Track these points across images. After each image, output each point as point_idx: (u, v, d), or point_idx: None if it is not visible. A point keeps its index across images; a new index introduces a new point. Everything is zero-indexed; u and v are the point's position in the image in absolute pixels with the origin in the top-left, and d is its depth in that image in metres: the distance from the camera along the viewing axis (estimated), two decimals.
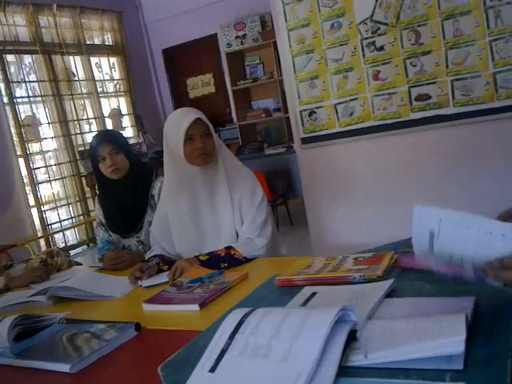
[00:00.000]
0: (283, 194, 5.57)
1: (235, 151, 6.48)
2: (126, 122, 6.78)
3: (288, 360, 0.85)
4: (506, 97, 2.77)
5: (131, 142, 6.48)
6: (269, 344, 0.89)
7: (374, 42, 3.01)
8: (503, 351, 0.84)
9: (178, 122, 1.85)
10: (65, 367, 1.14)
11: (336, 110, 3.19)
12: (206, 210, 1.92)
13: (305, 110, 3.29)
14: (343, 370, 0.84)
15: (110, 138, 2.18)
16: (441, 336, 0.84)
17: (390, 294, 1.15)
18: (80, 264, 2.61)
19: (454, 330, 0.85)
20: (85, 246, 5.90)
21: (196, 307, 1.39)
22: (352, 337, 0.91)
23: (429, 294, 1.13)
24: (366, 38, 3.03)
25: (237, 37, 6.48)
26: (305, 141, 3.34)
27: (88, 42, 6.31)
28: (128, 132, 6.73)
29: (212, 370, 0.89)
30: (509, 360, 0.82)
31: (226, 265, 1.75)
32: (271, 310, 0.98)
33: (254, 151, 6.13)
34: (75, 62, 6.17)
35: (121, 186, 2.19)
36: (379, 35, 2.99)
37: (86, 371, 1.14)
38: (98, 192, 2.44)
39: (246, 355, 0.90)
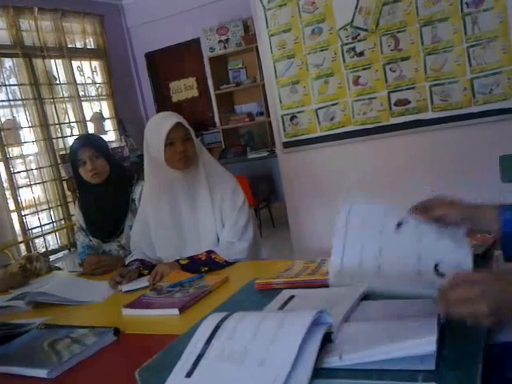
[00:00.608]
0: (266, 197, 5.58)
1: (218, 155, 6.48)
2: (108, 125, 6.74)
3: (264, 364, 0.86)
4: (483, 102, 2.83)
5: (113, 145, 6.44)
6: (245, 348, 0.89)
7: (354, 47, 3.05)
8: (475, 352, 0.86)
9: (158, 126, 1.85)
10: (42, 372, 1.13)
11: (317, 115, 3.22)
12: (187, 214, 1.92)
13: (286, 115, 3.32)
14: (318, 372, 0.85)
15: (90, 142, 2.17)
16: (413, 337, 0.85)
17: (365, 296, 1.17)
18: (60, 269, 2.59)
19: (425, 330, 0.86)
20: (66, 251, 5.84)
21: (176, 311, 1.39)
22: (327, 339, 0.92)
23: (403, 296, 1.15)
24: (346, 44, 3.06)
25: (220, 41, 6.49)
26: (286, 145, 3.37)
27: (69, 46, 6.26)
28: (110, 136, 6.68)
29: (188, 375, 0.90)
30: (480, 360, 0.84)
31: (206, 269, 1.76)
32: (248, 314, 0.99)
33: (237, 155, 6.14)
34: (56, 66, 6.11)
35: (101, 191, 2.18)
36: (359, 41, 3.03)
37: (64, 376, 1.13)
38: (78, 196, 2.42)
39: (222, 360, 0.90)
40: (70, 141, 5.78)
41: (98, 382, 1.11)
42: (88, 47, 6.55)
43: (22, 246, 5.33)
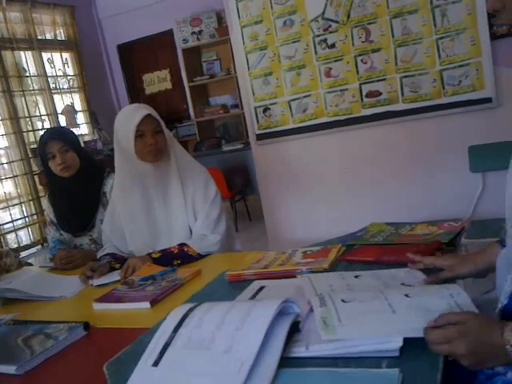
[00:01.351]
0: (241, 190, 5.58)
1: (193, 148, 6.44)
2: (81, 118, 6.63)
3: (231, 351, 0.86)
4: (452, 93, 2.87)
5: (86, 139, 6.35)
6: (212, 336, 0.90)
7: (326, 39, 3.06)
8: None
9: (128, 119, 1.83)
10: (10, 369, 1.12)
11: (290, 107, 3.23)
12: (159, 206, 1.91)
13: (259, 107, 3.31)
14: (285, 361, 0.86)
15: (59, 135, 2.14)
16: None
17: None
18: (31, 264, 2.55)
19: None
20: (39, 246, 5.75)
21: (147, 304, 1.39)
22: (295, 328, 0.93)
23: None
24: (318, 36, 3.07)
25: (193, 33, 6.44)
26: (260, 137, 3.37)
27: (39, 37, 6.13)
28: (83, 129, 6.58)
29: (155, 363, 0.90)
30: None
31: (179, 262, 1.75)
32: (216, 304, 0.99)
33: (211, 148, 6.11)
34: (26, 58, 5.99)
35: (71, 184, 2.15)
36: (330, 33, 3.04)
37: (34, 372, 1.12)
38: (48, 190, 2.38)
39: (189, 348, 0.90)
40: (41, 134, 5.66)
41: (67, 377, 1.10)
42: (58, 39, 6.42)
43: None
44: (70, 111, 6.32)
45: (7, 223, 5.55)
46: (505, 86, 2.78)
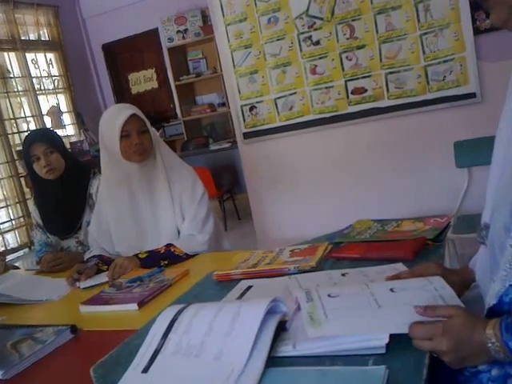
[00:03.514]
0: (230, 189, 5.57)
1: (180, 147, 6.42)
2: (67, 119, 6.58)
3: (220, 358, 0.86)
4: (437, 89, 2.88)
5: (72, 140, 6.30)
6: (202, 343, 0.90)
7: (311, 36, 3.06)
8: None
9: (113, 119, 1.81)
10: None
11: (276, 105, 3.23)
12: (146, 207, 1.90)
13: (245, 105, 3.31)
14: (272, 360, 0.86)
15: (43, 137, 2.12)
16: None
17: None
18: (18, 268, 2.53)
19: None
20: (26, 249, 5.70)
21: (134, 306, 1.38)
22: (282, 327, 0.93)
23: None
24: (303, 33, 3.07)
25: (178, 31, 6.41)
26: (247, 135, 3.37)
27: (23, 38, 6.06)
28: (69, 130, 6.53)
29: (145, 370, 0.89)
30: None
31: (166, 262, 1.75)
32: (204, 306, 0.99)
33: (199, 147, 6.09)
34: (10, 59, 5.93)
35: (57, 187, 2.14)
36: (315, 30, 3.04)
37: (21, 376, 1.12)
38: (33, 193, 2.36)
39: (179, 355, 0.90)
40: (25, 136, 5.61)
41: (54, 381, 1.09)
42: (42, 39, 6.36)
43: None
44: (56, 112, 6.27)
45: None
46: (488, 81, 2.80)
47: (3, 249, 5.45)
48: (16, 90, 5.95)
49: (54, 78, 6.52)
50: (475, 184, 2.70)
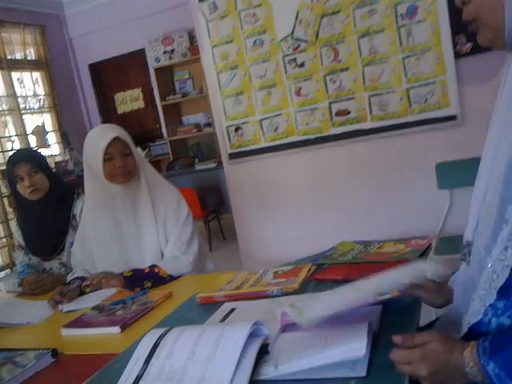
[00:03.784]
0: (215, 209, 5.57)
1: (166, 167, 6.42)
2: (52, 138, 6.56)
3: (203, 382, 0.86)
4: (419, 111, 2.93)
5: (57, 159, 6.27)
6: (184, 368, 0.89)
7: (295, 58, 3.10)
8: None
9: (96, 141, 1.81)
10: None
11: (261, 126, 3.26)
12: (129, 229, 1.89)
13: (231, 126, 3.33)
14: None
15: (27, 158, 2.10)
16: (343, 343, 0.88)
17: None
18: None
19: (356, 336, 0.89)
20: (8, 270, 5.62)
21: (117, 329, 1.37)
22: (264, 350, 0.93)
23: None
24: (288, 55, 3.12)
25: (165, 52, 6.45)
26: (232, 156, 3.38)
27: (9, 57, 6.06)
28: (54, 149, 6.50)
29: None
30: None
31: (149, 284, 1.73)
32: (186, 330, 0.99)
33: (185, 167, 6.10)
34: None
35: (41, 207, 2.12)
36: (300, 52, 3.08)
37: None
38: (16, 213, 2.34)
39: (161, 380, 0.89)
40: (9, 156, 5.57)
41: None
42: (28, 58, 6.37)
43: None
44: (41, 131, 6.25)
45: None
46: (469, 104, 2.86)
47: None
48: (1, 109, 5.93)
49: (39, 97, 6.51)
50: (457, 205, 2.74)
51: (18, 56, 6.27)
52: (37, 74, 6.50)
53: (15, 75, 6.18)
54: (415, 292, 1.06)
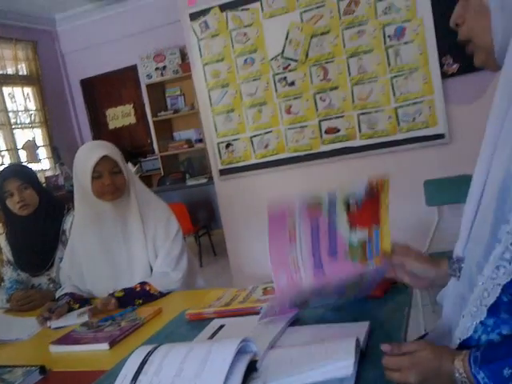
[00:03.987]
0: (206, 224, 5.57)
1: (157, 182, 6.42)
2: (42, 153, 6.55)
3: None
4: (407, 129, 2.98)
5: (47, 174, 6.25)
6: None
7: (286, 77, 3.15)
8: None
9: (85, 159, 1.81)
10: None
11: (252, 143, 3.29)
12: (118, 245, 1.89)
13: (222, 142, 3.36)
14: None
15: (17, 173, 2.10)
16: (331, 360, 0.89)
17: (293, 322, 1.20)
18: None
19: (343, 354, 0.90)
20: None
21: (106, 346, 1.37)
22: (252, 367, 0.94)
23: (329, 321, 1.19)
24: (278, 74, 3.16)
25: (157, 68, 6.49)
26: (223, 172, 3.40)
27: (0, 72, 6.08)
28: (44, 164, 6.49)
29: None
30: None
31: (140, 301, 1.73)
32: (174, 347, 0.99)
33: (176, 182, 6.10)
34: None
35: (30, 223, 2.12)
36: (290, 71, 3.13)
37: None
38: (6, 229, 2.33)
39: None
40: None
41: None
42: (20, 73, 6.38)
43: None
44: (31, 146, 6.24)
45: None
46: (456, 123, 2.91)
47: None
48: None
49: (30, 112, 6.52)
50: (445, 222, 2.77)
51: (10, 71, 6.28)
52: (28, 89, 6.51)
53: (6, 90, 6.18)
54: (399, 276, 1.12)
